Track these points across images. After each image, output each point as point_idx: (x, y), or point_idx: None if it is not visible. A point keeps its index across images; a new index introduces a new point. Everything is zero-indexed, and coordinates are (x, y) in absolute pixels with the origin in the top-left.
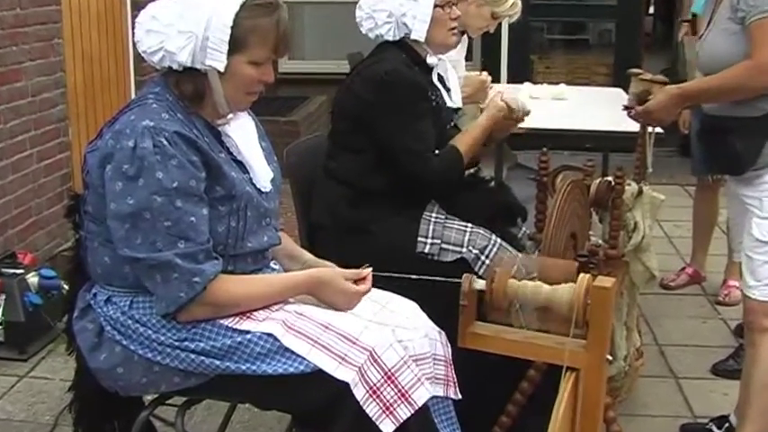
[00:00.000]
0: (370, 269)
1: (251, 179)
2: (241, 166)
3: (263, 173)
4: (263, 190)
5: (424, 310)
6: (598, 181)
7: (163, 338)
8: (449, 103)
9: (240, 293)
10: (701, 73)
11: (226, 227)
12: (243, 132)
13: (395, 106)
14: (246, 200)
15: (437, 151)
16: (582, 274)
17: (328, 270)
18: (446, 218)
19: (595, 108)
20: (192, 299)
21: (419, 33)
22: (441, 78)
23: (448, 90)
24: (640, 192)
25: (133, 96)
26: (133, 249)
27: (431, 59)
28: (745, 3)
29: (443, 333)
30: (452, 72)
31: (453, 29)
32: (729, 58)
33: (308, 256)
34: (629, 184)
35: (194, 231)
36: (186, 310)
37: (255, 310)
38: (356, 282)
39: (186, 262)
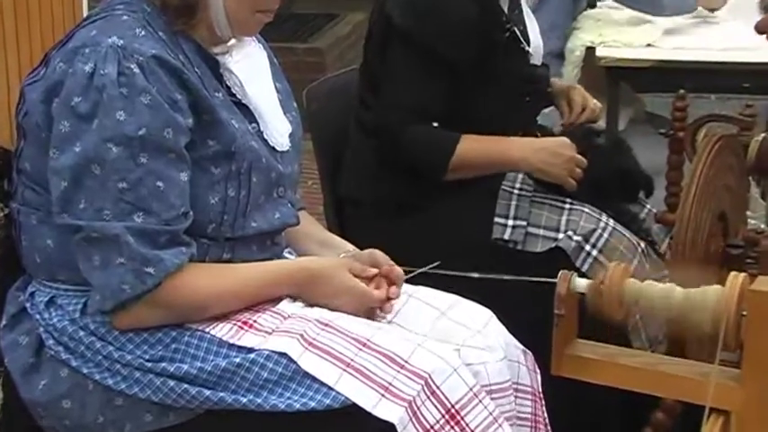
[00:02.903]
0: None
1: (259, 131)
2: (246, 112)
3: (277, 123)
4: (277, 148)
5: (502, 321)
6: (761, 137)
7: (130, 357)
8: (530, 52)
9: (208, 293)
10: None
11: (221, 197)
12: (250, 66)
13: (417, 45)
14: (251, 160)
15: (435, 124)
16: (733, 273)
17: (326, 260)
18: (535, 190)
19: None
20: (138, 296)
21: None
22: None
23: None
24: None
25: (86, 13)
26: (72, 215)
27: None
28: None
29: (530, 354)
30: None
31: None
32: None
33: (349, 245)
34: None
35: (160, 202)
36: (129, 310)
37: (257, 314)
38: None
39: (140, 243)
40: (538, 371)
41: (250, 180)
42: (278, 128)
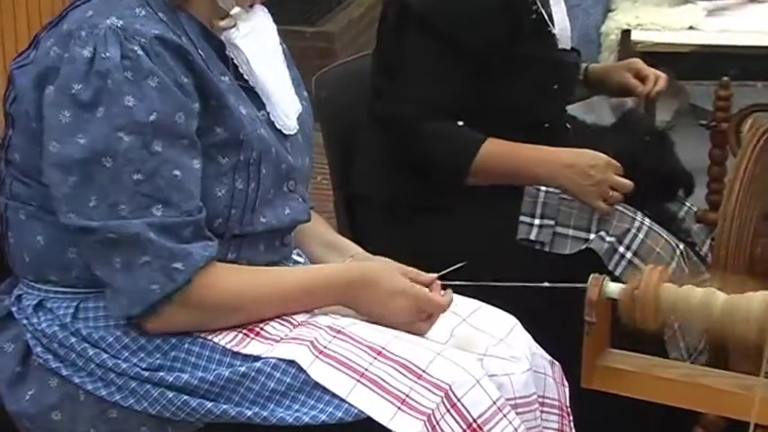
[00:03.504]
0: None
1: (269, 119)
2: (254, 97)
3: (286, 105)
4: (284, 131)
5: (527, 329)
6: None
7: (125, 366)
8: (557, 35)
9: (243, 293)
10: None
11: (228, 189)
12: (258, 41)
13: (436, 32)
14: (261, 149)
15: (460, 123)
16: None
17: (373, 263)
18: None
19: None
20: (168, 296)
21: None
22: None
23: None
24: None
25: None
26: (82, 215)
27: None
28: None
29: (557, 365)
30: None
31: None
32: None
33: (358, 248)
34: None
35: (179, 192)
36: (159, 313)
37: (265, 321)
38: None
39: (164, 238)
40: (566, 384)
41: (259, 172)
42: (286, 110)
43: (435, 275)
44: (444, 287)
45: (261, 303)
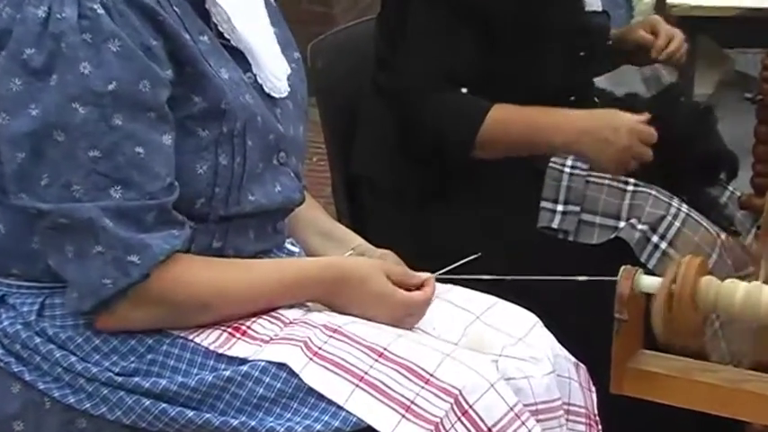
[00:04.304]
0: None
1: (255, 80)
2: (239, 57)
3: (274, 66)
4: (273, 94)
5: (549, 328)
6: None
7: (96, 370)
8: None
9: (210, 288)
10: None
11: (211, 166)
12: None
13: None
14: (246, 118)
15: (464, 90)
16: None
17: (359, 260)
18: (591, 168)
19: None
20: (122, 291)
21: None
22: None
23: None
24: None
25: None
26: (34, 195)
27: None
28: None
29: (583, 368)
30: None
31: None
32: None
33: (358, 239)
34: None
35: (141, 171)
36: (113, 309)
37: (252, 319)
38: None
39: (121, 225)
40: (593, 388)
41: (245, 144)
42: (274, 70)
43: (426, 275)
44: (444, 281)
45: (231, 300)
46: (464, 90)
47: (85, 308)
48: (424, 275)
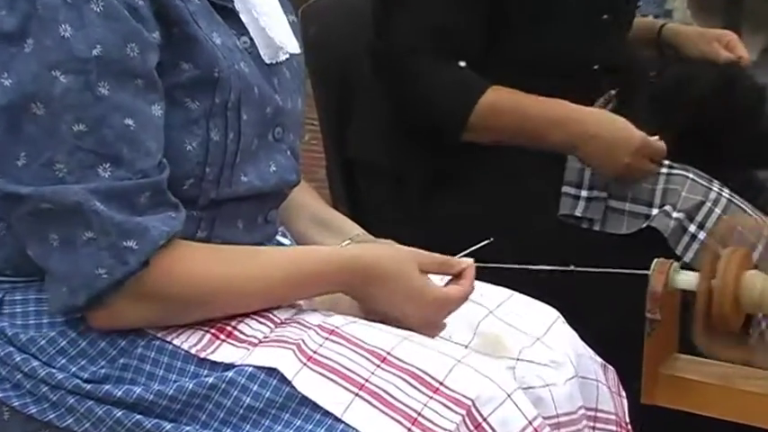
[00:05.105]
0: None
1: (251, 45)
2: (232, 19)
3: (277, 30)
4: (273, 60)
5: (575, 328)
6: None
7: (61, 377)
8: None
9: (217, 279)
10: None
11: (201, 143)
12: None
13: None
14: (241, 89)
15: (462, 63)
16: None
17: (387, 250)
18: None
19: None
20: (119, 282)
21: None
22: None
23: None
24: None
25: None
26: (10, 177)
27: None
28: None
29: (612, 370)
30: None
31: None
32: None
33: (357, 228)
34: None
35: (132, 146)
36: (108, 304)
37: (243, 316)
38: (450, 280)
39: (113, 207)
40: (623, 393)
41: (239, 118)
42: (276, 31)
43: (467, 262)
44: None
45: (239, 294)
46: (462, 64)
47: (79, 303)
48: (464, 262)
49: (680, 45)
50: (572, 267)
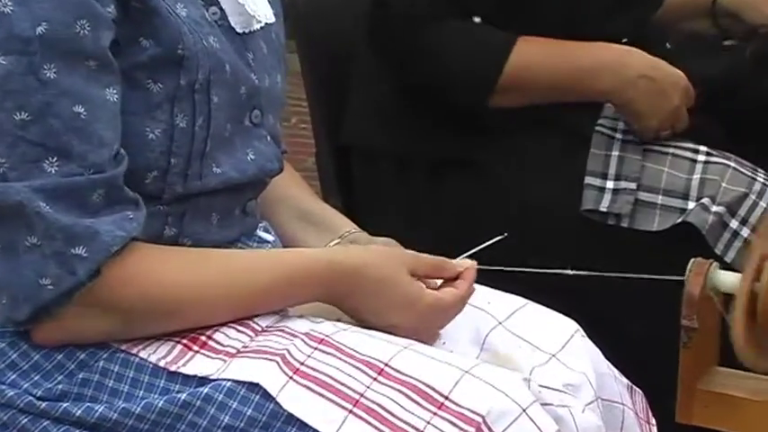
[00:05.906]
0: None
1: (220, 18)
2: None
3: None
4: (246, 29)
5: (595, 341)
6: None
7: (12, 393)
8: None
9: (181, 288)
10: None
11: (165, 130)
12: None
13: None
14: (210, 67)
15: (477, 19)
16: None
17: (377, 249)
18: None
19: None
20: (67, 294)
21: None
22: None
23: None
24: None
25: None
26: None
27: None
28: None
29: (639, 392)
30: None
31: None
32: None
33: (349, 224)
34: None
35: (83, 137)
36: (56, 317)
37: (218, 325)
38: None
39: (60, 208)
40: (653, 421)
41: (209, 101)
42: (252, 2)
43: (467, 263)
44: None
45: (207, 305)
46: (477, 20)
47: (21, 316)
48: (464, 264)
49: (741, 11)
50: (595, 272)
